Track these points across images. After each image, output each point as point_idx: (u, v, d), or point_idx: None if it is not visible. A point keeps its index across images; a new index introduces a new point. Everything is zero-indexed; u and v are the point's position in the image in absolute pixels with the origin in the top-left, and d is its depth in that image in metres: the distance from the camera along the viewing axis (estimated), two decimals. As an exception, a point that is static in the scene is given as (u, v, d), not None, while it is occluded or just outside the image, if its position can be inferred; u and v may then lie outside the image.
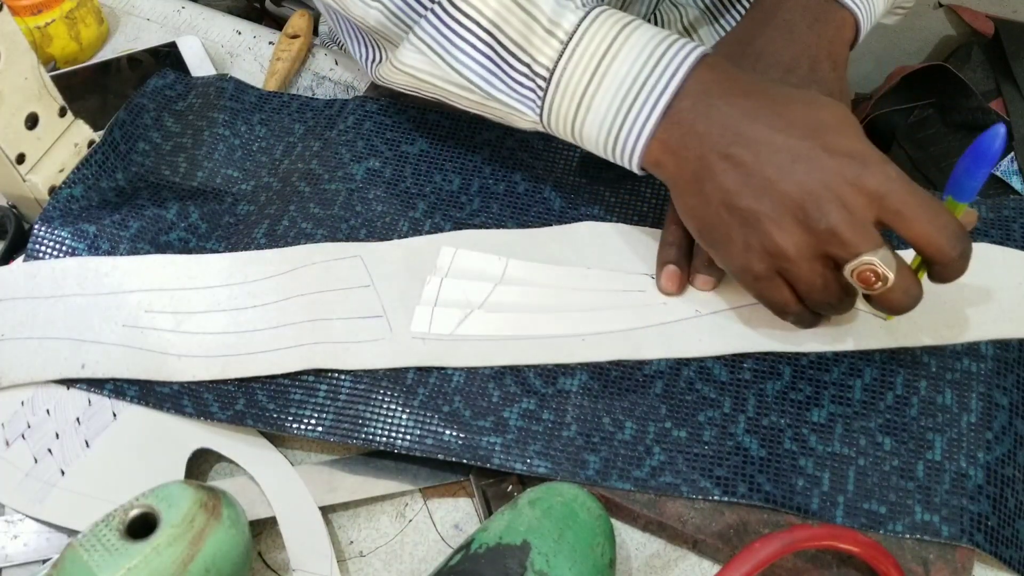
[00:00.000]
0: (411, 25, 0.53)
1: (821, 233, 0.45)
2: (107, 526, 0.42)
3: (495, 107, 0.53)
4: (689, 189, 0.49)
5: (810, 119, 0.46)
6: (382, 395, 0.53)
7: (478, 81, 0.52)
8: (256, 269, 0.58)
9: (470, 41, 0.51)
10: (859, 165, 0.45)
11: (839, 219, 0.44)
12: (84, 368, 0.54)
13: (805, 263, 0.46)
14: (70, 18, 0.73)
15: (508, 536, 0.44)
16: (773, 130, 0.46)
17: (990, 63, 1.11)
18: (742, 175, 0.47)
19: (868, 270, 0.45)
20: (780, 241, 0.46)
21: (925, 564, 0.48)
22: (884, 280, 0.45)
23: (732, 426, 0.52)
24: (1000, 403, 0.52)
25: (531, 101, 0.51)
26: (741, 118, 0.47)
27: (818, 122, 0.46)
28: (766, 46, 0.56)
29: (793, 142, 0.46)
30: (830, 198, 0.45)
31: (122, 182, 0.62)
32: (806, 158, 0.45)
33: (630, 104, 0.49)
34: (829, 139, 0.46)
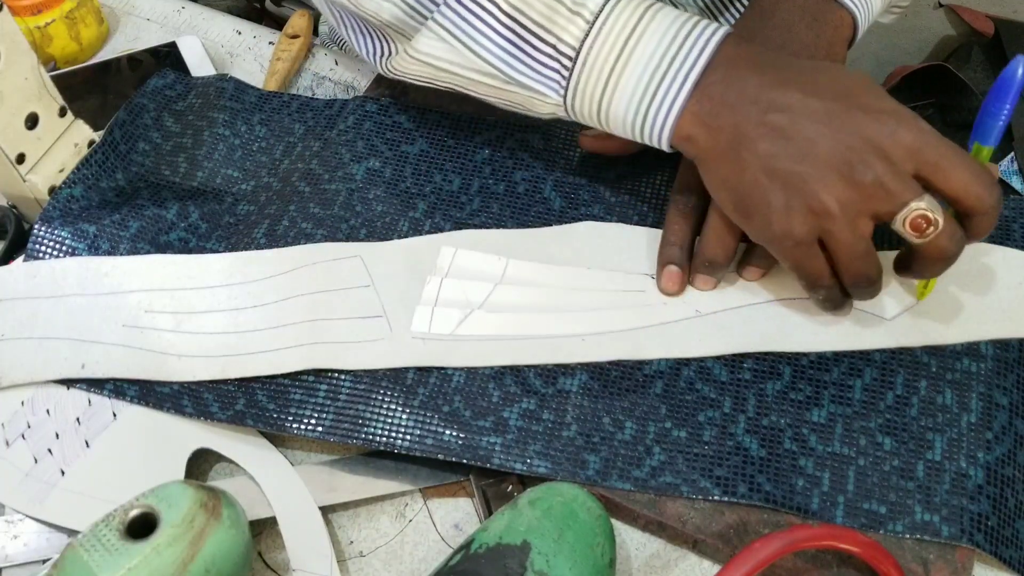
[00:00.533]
0: (427, 15, 0.53)
1: (867, 187, 0.46)
2: (107, 526, 0.42)
3: (516, 92, 0.53)
4: (724, 159, 0.49)
5: (839, 84, 0.47)
6: (382, 395, 0.53)
7: (500, 65, 0.52)
8: (256, 269, 0.58)
9: (491, 24, 0.51)
10: (894, 121, 0.46)
11: (884, 171, 0.45)
12: (84, 368, 0.54)
13: (849, 221, 0.47)
14: (70, 18, 0.73)
15: (508, 536, 0.44)
16: (806, 95, 0.47)
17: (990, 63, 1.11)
18: (781, 139, 0.47)
19: (919, 216, 0.45)
20: (825, 198, 0.46)
21: (925, 564, 0.48)
22: (935, 224, 0.45)
23: (732, 426, 0.52)
24: (1000, 403, 0.52)
25: (555, 83, 0.51)
26: (772, 87, 0.48)
27: (847, 86, 0.47)
28: (764, 46, 0.56)
29: (828, 103, 0.47)
30: (872, 152, 0.45)
31: (122, 182, 0.62)
32: (843, 117, 0.46)
33: (659, 81, 0.49)
34: (862, 100, 0.47)
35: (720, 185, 0.50)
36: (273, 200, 0.62)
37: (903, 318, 0.54)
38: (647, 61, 0.49)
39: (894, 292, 0.55)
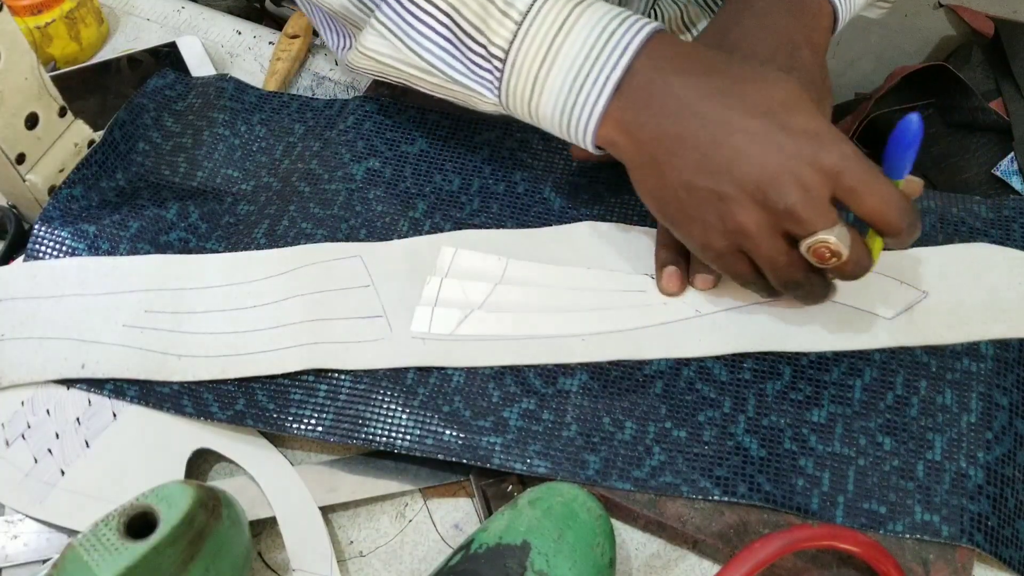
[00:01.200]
0: (372, 8, 0.53)
1: (780, 213, 0.46)
2: (107, 526, 0.42)
3: (457, 90, 0.53)
4: (646, 170, 0.49)
5: (766, 99, 0.47)
6: (382, 395, 0.53)
7: (438, 64, 0.52)
8: (256, 269, 0.58)
9: (429, 24, 0.51)
10: (815, 144, 0.45)
11: (797, 199, 0.45)
12: (84, 368, 0.54)
13: (765, 240, 0.47)
14: (70, 18, 0.73)
15: (508, 536, 0.44)
16: (729, 109, 0.47)
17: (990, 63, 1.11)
18: (700, 156, 0.47)
19: (823, 247, 0.46)
20: (741, 219, 0.47)
21: (925, 564, 0.48)
22: (838, 256, 0.46)
23: (732, 426, 0.52)
24: (1000, 403, 0.52)
25: (489, 83, 0.51)
26: (698, 98, 0.47)
27: (775, 101, 0.47)
28: (743, 37, 0.56)
29: (749, 121, 0.46)
30: (788, 178, 0.45)
31: (122, 182, 0.62)
32: (763, 138, 0.46)
33: (582, 82, 0.49)
34: (785, 118, 0.46)
35: (645, 192, 0.51)
36: (273, 200, 0.62)
37: (903, 318, 0.54)
38: (571, 62, 0.49)
39: (894, 292, 0.55)
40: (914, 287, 0.55)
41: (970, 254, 0.57)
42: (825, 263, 0.47)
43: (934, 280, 0.56)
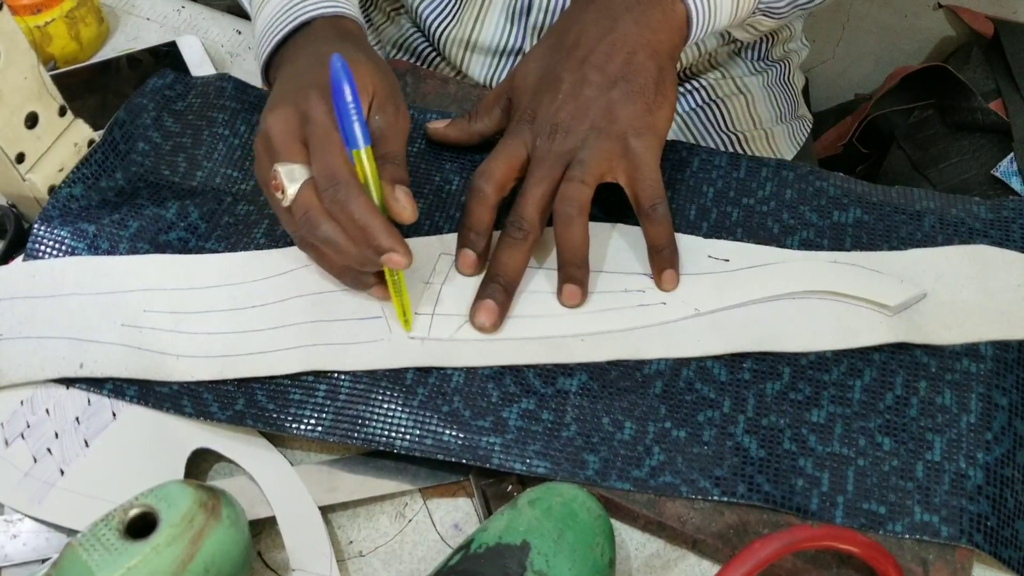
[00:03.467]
0: None
1: (263, 135, 0.53)
2: (106, 526, 0.42)
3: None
4: None
5: (322, 74, 0.52)
6: (381, 395, 0.53)
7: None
8: (256, 269, 0.58)
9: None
10: (305, 95, 0.52)
11: (274, 128, 0.52)
12: (83, 367, 0.54)
13: (261, 160, 0.53)
14: (70, 17, 0.73)
15: (508, 536, 0.44)
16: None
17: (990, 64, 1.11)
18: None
19: (273, 176, 0.51)
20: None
21: (924, 564, 0.48)
22: (284, 191, 0.51)
23: (731, 426, 0.52)
24: (999, 404, 0.52)
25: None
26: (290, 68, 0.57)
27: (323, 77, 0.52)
28: (582, 34, 0.58)
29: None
30: (278, 117, 0.52)
31: (122, 182, 0.62)
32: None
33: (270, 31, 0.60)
34: (314, 83, 0.53)
35: None
36: (273, 200, 0.62)
37: (902, 318, 0.54)
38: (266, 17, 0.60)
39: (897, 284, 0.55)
40: (913, 287, 0.55)
41: (969, 255, 0.57)
42: (277, 194, 0.51)
43: (932, 280, 0.56)
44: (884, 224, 0.59)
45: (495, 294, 0.54)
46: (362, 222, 0.49)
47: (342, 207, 0.49)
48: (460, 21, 0.73)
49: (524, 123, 0.57)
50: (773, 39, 0.79)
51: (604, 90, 0.56)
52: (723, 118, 0.78)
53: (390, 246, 0.49)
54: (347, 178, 0.49)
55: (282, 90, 0.55)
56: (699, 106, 0.78)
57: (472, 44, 0.74)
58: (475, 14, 0.72)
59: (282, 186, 0.50)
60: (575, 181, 0.54)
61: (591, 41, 0.57)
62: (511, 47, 0.73)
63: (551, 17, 0.70)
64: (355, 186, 0.49)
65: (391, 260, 0.50)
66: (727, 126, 0.78)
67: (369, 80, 0.54)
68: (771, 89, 0.80)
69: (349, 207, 0.49)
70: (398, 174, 0.53)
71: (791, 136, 0.83)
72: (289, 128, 0.51)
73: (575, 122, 0.56)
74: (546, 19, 0.70)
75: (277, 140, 0.52)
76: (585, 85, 0.56)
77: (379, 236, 0.49)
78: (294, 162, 0.51)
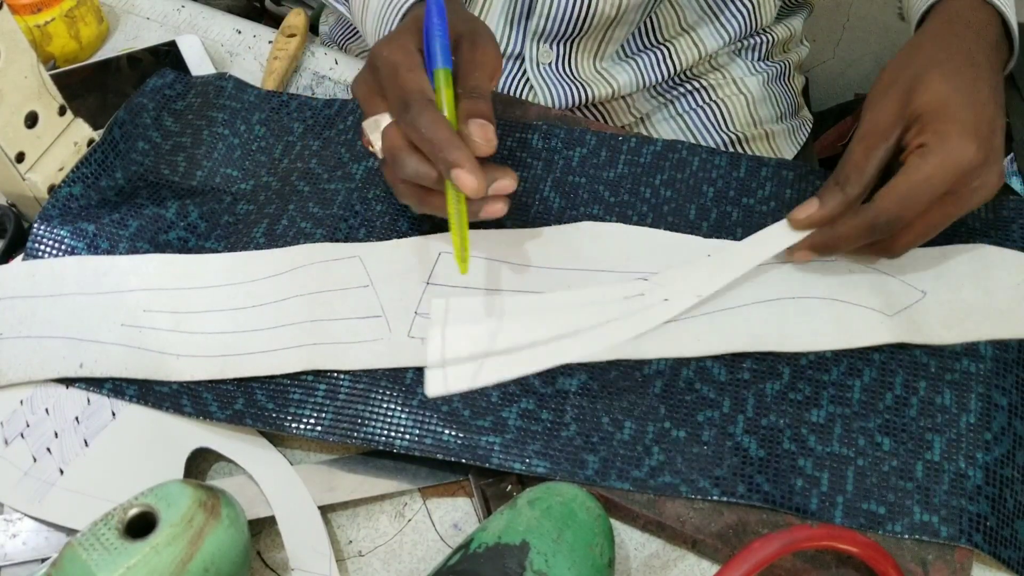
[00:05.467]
0: None
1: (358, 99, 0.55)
2: (106, 525, 0.42)
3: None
4: None
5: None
6: (381, 395, 0.53)
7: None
8: (255, 269, 0.58)
9: None
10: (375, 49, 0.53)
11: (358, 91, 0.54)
12: (82, 367, 0.54)
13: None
14: (70, 17, 0.73)
15: (507, 536, 0.44)
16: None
17: (990, 64, 1.11)
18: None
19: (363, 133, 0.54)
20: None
21: (924, 564, 0.48)
22: (371, 143, 0.53)
23: (731, 426, 0.52)
24: (999, 404, 0.52)
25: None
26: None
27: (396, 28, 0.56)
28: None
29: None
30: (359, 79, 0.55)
31: (121, 181, 0.62)
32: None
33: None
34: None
35: None
36: (272, 199, 0.62)
37: (901, 317, 0.54)
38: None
39: (892, 291, 0.55)
40: (912, 287, 0.55)
41: (968, 255, 0.57)
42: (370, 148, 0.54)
43: (932, 280, 0.56)
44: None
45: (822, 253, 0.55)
46: (429, 134, 0.49)
47: (414, 126, 0.49)
48: None
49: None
50: (773, 39, 0.79)
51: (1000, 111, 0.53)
52: (723, 118, 0.78)
53: (455, 159, 0.48)
54: (416, 97, 0.50)
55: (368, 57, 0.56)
56: (699, 106, 0.78)
57: None
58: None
59: (369, 140, 0.52)
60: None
61: (981, 61, 0.54)
62: (510, 51, 0.73)
63: (551, 24, 0.70)
64: (424, 103, 0.49)
65: (458, 177, 0.49)
66: (727, 126, 0.78)
67: (460, 20, 0.55)
68: (771, 89, 0.80)
69: (418, 123, 0.49)
70: (476, 107, 0.52)
71: (791, 136, 0.84)
72: (365, 83, 0.54)
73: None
74: (546, 25, 0.70)
75: (360, 100, 0.54)
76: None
77: (446, 148, 0.48)
78: (377, 113, 0.53)
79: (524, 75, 0.74)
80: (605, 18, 0.69)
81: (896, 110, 0.52)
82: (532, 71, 0.73)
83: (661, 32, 0.74)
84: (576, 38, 0.71)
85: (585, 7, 0.68)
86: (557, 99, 0.73)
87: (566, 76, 0.73)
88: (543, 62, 0.73)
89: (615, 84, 0.73)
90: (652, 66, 0.74)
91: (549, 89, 0.73)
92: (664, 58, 0.74)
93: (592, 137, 0.64)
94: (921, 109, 0.51)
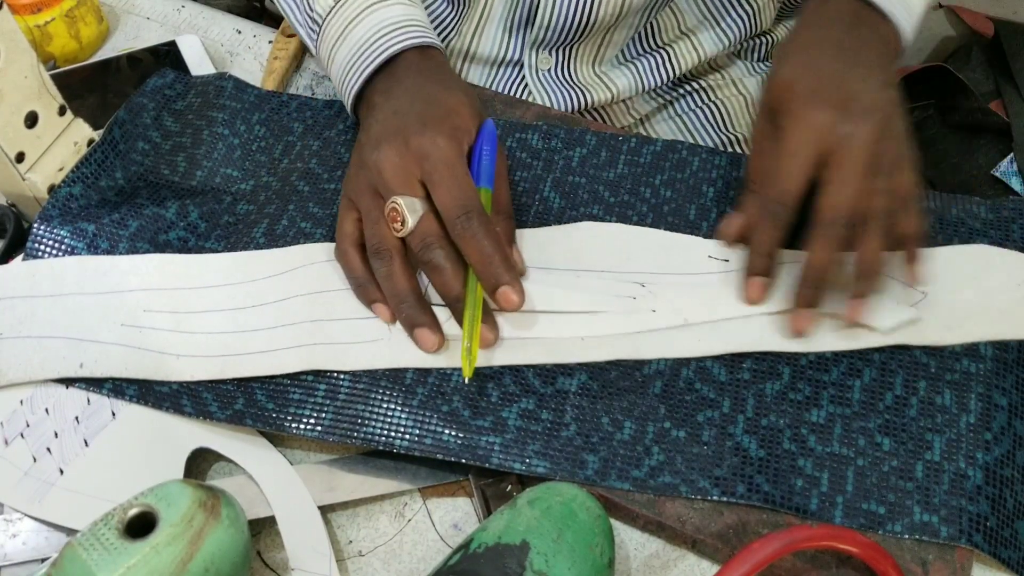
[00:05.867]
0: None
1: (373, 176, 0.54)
2: (106, 525, 0.42)
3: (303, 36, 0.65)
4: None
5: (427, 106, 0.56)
6: (381, 395, 0.53)
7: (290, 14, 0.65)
8: (255, 269, 0.58)
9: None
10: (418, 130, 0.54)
11: (386, 164, 0.53)
12: (83, 368, 0.54)
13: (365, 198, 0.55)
14: (70, 16, 0.73)
15: (507, 536, 0.44)
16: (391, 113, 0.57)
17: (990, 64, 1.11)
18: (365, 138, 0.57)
19: (393, 208, 0.53)
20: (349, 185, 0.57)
21: (924, 564, 0.48)
22: (403, 222, 0.52)
23: (731, 426, 0.52)
24: (999, 404, 0.52)
25: (312, 40, 0.64)
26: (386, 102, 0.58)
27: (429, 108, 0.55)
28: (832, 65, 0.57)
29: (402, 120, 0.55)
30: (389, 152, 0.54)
31: (121, 181, 0.62)
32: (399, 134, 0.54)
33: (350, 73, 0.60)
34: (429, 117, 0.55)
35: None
36: (272, 199, 0.62)
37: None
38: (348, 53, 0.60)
39: (892, 292, 0.55)
40: (913, 288, 0.55)
41: (968, 255, 0.57)
42: (396, 228, 0.53)
43: (932, 281, 0.56)
44: (884, 224, 0.59)
45: (766, 268, 0.55)
46: (488, 251, 0.51)
47: (473, 235, 0.51)
48: (459, 32, 0.73)
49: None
50: (773, 41, 0.79)
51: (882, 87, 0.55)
52: (723, 119, 0.78)
53: (509, 280, 0.52)
54: (480, 207, 0.52)
55: (386, 127, 0.55)
56: (699, 107, 0.78)
57: (471, 55, 0.74)
58: (474, 26, 0.73)
59: (403, 216, 0.52)
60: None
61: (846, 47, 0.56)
62: (509, 58, 0.73)
63: (552, 32, 0.70)
64: (487, 216, 0.52)
65: (505, 295, 0.52)
66: (727, 127, 0.78)
67: (472, 122, 0.56)
68: (770, 89, 0.80)
69: (479, 235, 0.51)
70: (510, 228, 0.56)
71: (791, 136, 0.83)
72: (404, 164, 0.53)
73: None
74: (547, 34, 0.70)
75: (390, 174, 0.53)
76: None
77: (501, 266, 0.51)
78: (412, 195, 0.53)
79: (523, 81, 0.74)
80: (605, 23, 0.69)
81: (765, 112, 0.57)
82: (531, 77, 0.73)
83: (660, 36, 0.74)
84: (575, 43, 0.71)
85: (586, 15, 0.68)
86: (556, 104, 0.73)
87: (565, 81, 0.73)
88: (542, 68, 0.73)
89: (615, 88, 0.73)
90: (651, 70, 0.74)
91: (548, 95, 0.73)
92: (663, 62, 0.74)
93: (592, 137, 0.64)
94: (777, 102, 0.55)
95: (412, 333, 0.54)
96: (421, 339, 0.53)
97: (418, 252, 0.53)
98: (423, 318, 0.53)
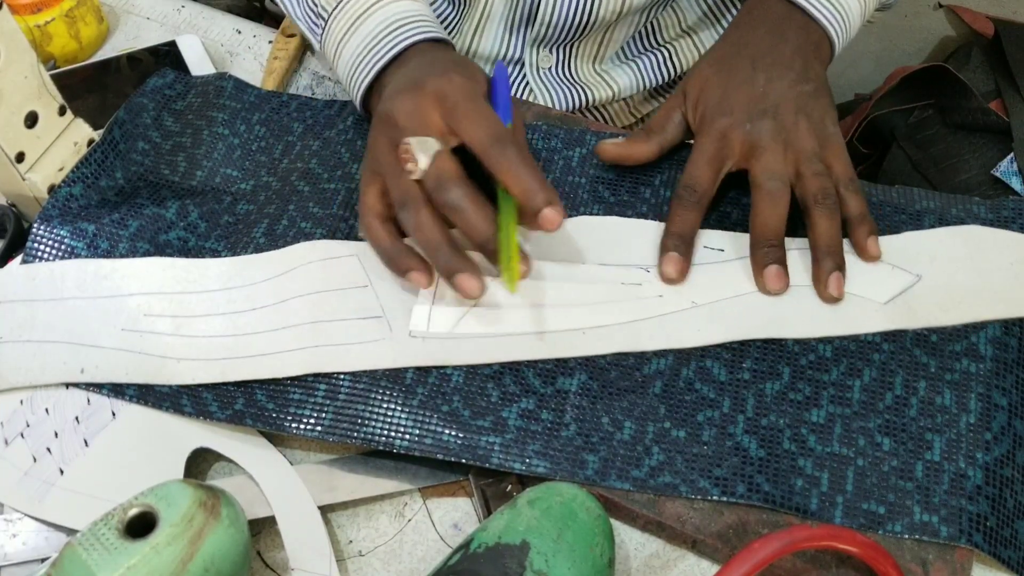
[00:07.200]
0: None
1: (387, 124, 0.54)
2: (106, 525, 0.42)
3: (306, 34, 0.66)
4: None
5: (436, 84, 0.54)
6: (381, 395, 0.53)
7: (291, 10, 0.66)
8: (255, 272, 0.58)
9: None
10: (434, 75, 0.54)
11: (400, 110, 0.53)
12: (83, 373, 0.53)
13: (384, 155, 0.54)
14: (70, 16, 0.73)
15: (507, 536, 0.44)
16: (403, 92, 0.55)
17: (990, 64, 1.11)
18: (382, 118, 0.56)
19: (404, 149, 0.51)
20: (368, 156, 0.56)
21: (924, 564, 0.48)
22: (415, 161, 0.51)
23: (731, 426, 0.52)
24: (999, 404, 0.52)
25: (316, 36, 0.64)
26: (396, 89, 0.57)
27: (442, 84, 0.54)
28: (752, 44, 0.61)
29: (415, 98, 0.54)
30: (404, 100, 0.54)
31: (121, 181, 0.62)
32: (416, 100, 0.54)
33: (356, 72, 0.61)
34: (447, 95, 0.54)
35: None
36: (272, 199, 0.62)
37: (898, 301, 0.55)
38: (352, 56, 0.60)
39: (887, 276, 0.55)
40: (907, 271, 0.56)
41: (962, 236, 0.58)
42: (408, 167, 0.51)
43: (927, 263, 0.56)
44: (884, 223, 0.59)
45: (678, 247, 0.56)
46: (529, 174, 0.50)
47: (511, 161, 0.50)
48: (460, 31, 0.74)
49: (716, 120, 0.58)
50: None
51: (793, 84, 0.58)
52: None
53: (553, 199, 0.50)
54: (510, 134, 0.51)
55: (401, 84, 0.55)
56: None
57: (472, 54, 0.74)
58: (475, 25, 0.73)
59: (413, 157, 0.51)
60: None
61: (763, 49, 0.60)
62: (510, 56, 0.73)
63: (553, 31, 0.70)
64: (521, 142, 0.52)
65: (549, 217, 0.50)
66: None
67: (483, 75, 0.56)
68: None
69: (517, 161, 0.50)
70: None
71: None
72: (419, 107, 0.53)
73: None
74: (548, 32, 0.70)
75: (404, 119, 0.53)
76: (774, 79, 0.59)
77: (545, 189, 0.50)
78: (425, 136, 0.52)
79: (524, 79, 0.74)
80: (605, 21, 0.69)
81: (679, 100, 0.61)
82: (532, 75, 0.73)
83: (661, 34, 0.74)
84: (576, 42, 0.71)
85: (587, 13, 0.68)
86: (557, 103, 0.73)
87: (566, 79, 0.73)
88: (543, 67, 0.73)
89: (615, 87, 0.73)
90: (652, 68, 0.75)
91: (549, 93, 0.73)
92: (664, 60, 0.75)
93: (592, 137, 0.64)
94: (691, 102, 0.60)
95: (452, 281, 0.51)
96: (462, 285, 0.51)
97: (434, 194, 0.51)
98: (461, 263, 0.51)
